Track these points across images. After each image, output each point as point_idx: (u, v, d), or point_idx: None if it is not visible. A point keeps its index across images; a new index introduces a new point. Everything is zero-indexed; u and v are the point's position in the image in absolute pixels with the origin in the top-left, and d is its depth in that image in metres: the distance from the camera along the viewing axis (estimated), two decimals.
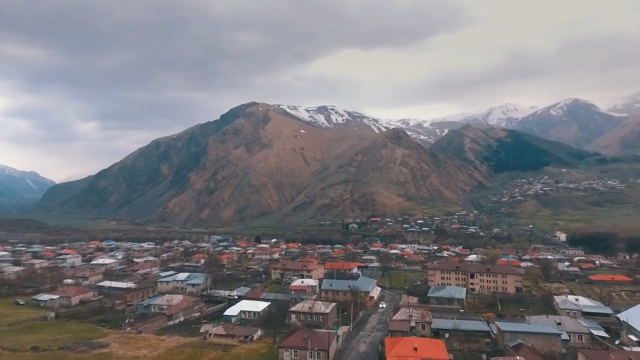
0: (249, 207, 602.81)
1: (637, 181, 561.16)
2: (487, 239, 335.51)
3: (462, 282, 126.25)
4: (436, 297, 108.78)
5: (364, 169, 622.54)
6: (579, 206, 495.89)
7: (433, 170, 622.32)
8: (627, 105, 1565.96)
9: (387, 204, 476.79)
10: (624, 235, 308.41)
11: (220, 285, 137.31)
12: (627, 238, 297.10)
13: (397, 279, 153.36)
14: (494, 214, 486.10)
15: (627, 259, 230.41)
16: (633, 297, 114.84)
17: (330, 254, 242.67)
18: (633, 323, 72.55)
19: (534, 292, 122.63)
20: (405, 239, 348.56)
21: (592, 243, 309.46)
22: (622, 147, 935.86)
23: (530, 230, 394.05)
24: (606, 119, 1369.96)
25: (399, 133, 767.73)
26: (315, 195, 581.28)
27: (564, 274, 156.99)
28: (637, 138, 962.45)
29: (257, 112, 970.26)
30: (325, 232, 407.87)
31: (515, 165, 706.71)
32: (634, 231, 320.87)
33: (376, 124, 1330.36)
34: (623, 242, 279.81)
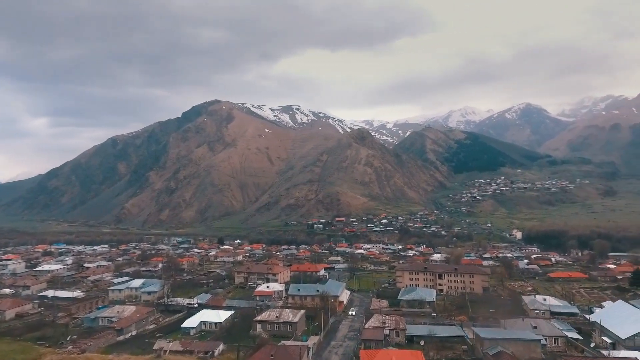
0: (211, 207, 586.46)
1: (584, 182, 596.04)
2: (448, 238, 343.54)
3: (430, 282, 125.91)
4: (407, 300, 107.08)
5: (329, 169, 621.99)
6: (533, 205, 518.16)
7: (396, 171, 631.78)
8: (574, 111, 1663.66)
9: (352, 204, 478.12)
10: (574, 233, 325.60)
11: (179, 292, 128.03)
12: (578, 235, 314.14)
13: (365, 280, 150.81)
14: (455, 213, 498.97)
15: (580, 255, 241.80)
16: (591, 294, 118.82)
17: (296, 255, 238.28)
18: (606, 324, 72.39)
19: (500, 291, 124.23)
20: (370, 239, 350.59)
21: (546, 240, 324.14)
22: (570, 149, 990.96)
23: (488, 228, 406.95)
24: (556, 123, 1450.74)
25: (363, 134, 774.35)
26: (280, 195, 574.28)
27: (525, 272, 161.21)
28: (584, 141, 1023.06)
29: (220, 111, 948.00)
30: (290, 232, 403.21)
31: (474, 166, 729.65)
32: (583, 229, 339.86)
33: (341, 124, 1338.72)
34: (574, 240, 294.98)
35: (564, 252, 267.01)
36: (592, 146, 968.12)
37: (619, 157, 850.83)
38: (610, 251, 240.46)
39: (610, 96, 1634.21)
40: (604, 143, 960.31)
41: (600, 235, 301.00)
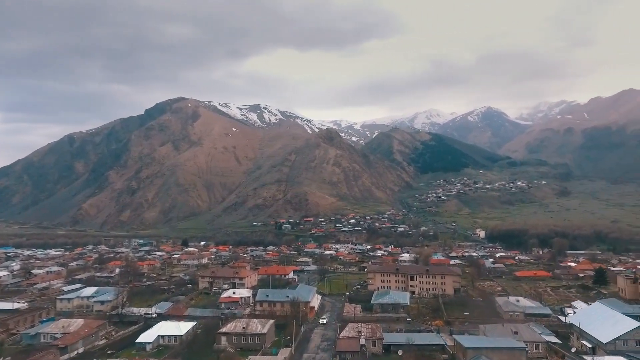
0: (175, 207, 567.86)
1: (541, 182, 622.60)
2: (415, 237, 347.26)
3: (402, 284, 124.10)
4: (380, 304, 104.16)
5: (297, 168, 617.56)
6: (494, 205, 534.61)
7: (364, 171, 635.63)
8: (531, 115, 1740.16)
9: (320, 204, 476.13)
10: (534, 231, 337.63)
11: (137, 300, 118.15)
12: (537, 234, 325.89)
13: (336, 283, 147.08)
14: (421, 213, 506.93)
15: (540, 253, 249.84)
16: (558, 293, 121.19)
17: (264, 257, 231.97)
18: (585, 327, 70.85)
19: (471, 291, 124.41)
20: (339, 239, 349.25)
21: (508, 239, 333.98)
22: (528, 151, 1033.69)
23: (453, 228, 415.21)
24: (514, 126, 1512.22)
25: (331, 134, 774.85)
26: (247, 195, 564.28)
27: (492, 272, 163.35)
28: (540, 144, 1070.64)
29: (185, 108, 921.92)
30: (258, 233, 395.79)
31: (439, 166, 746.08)
32: (542, 228, 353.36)
33: (309, 124, 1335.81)
34: (535, 238, 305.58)
35: (525, 250, 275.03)
36: (547, 148, 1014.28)
37: (572, 159, 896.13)
38: (568, 249, 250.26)
39: (564, 101, 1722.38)
40: (558, 146, 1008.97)
41: (558, 233, 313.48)
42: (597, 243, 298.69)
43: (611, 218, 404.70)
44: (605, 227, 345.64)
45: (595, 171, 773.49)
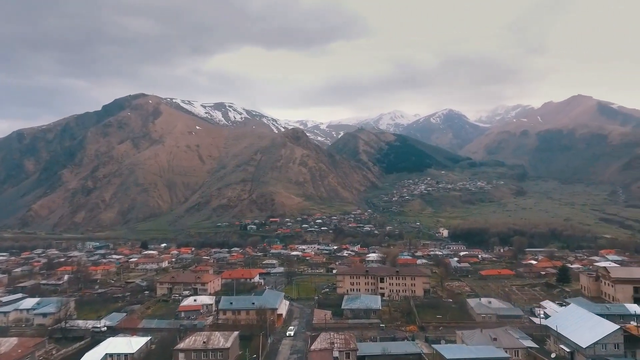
0: (135, 208, 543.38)
1: (500, 182, 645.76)
2: (381, 237, 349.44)
3: (372, 286, 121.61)
4: (351, 309, 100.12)
5: (263, 168, 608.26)
6: (456, 204, 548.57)
7: (331, 171, 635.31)
8: (489, 117, 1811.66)
9: (287, 204, 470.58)
10: (494, 230, 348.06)
11: (87, 311, 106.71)
12: (498, 232, 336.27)
13: (304, 286, 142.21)
14: (386, 212, 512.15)
15: (502, 252, 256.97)
16: (523, 292, 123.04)
17: (228, 260, 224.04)
18: (563, 331, 68.75)
19: (440, 292, 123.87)
20: (305, 239, 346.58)
21: (470, 238, 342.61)
22: (487, 153, 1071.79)
23: (417, 227, 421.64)
24: (474, 128, 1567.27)
25: (298, 133, 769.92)
26: (211, 195, 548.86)
27: (459, 271, 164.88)
28: (498, 145, 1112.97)
29: (146, 105, 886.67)
30: (222, 234, 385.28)
31: (403, 167, 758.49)
32: (501, 226, 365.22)
33: (275, 123, 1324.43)
34: (496, 237, 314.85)
35: (487, 248, 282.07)
36: (505, 150, 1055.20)
37: (527, 161, 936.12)
38: (527, 247, 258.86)
39: (520, 105, 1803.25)
40: (515, 147, 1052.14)
41: (517, 232, 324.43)
42: (552, 240, 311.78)
43: (564, 216, 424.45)
44: (559, 225, 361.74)
45: (548, 172, 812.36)
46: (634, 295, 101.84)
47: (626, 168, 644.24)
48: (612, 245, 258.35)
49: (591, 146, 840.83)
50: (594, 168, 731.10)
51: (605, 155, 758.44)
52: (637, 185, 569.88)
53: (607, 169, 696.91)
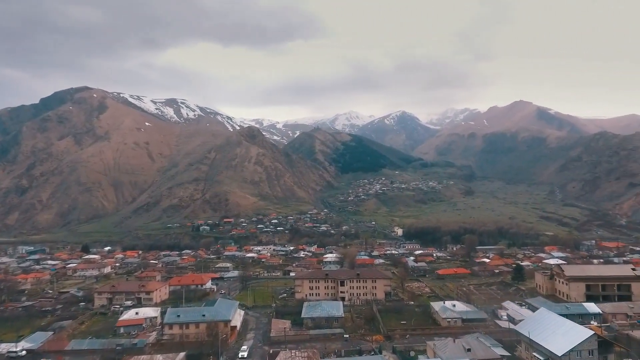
0: (76, 209, 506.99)
1: (450, 182, 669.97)
2: (337, 237, 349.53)
3: (331, 290, 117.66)
4: (312, 318, 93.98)
5: (217, 167, 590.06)
6: (409, 204, 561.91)
7: (287, 170, 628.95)
8: (440, 120, 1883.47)
9: (241, 204, 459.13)
10: (446, 228, 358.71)
11: (6, 329, 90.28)
12: (450, 231, 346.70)
13: (260, 291, 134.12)
14: (342, 212, 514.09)
15: (455, 250, 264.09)
16: (481, 291, 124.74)
17: (178, 264, 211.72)
18: (536, 338, 65.61)
19: (401, 294, 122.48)
20: (261, 240, 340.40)
21: (423, 236, 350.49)
22: (438, 154, 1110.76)
23: (373, 226, 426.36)
24: (425, 130, 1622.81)
25: (254, 132, 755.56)
26: (161, 195, 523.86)
27: (416, 271, 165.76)
28: (448, 147, 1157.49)
29: (90, 99, 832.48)
30: (172, 236, 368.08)
31: (358, 167, 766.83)
32: (453, 225, 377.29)
33: (230, 121, 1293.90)
34: (448, 235, 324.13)
35: (440, 246, 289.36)
36: (454, 151, 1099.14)
37: (474, 162, 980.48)
38: (478, 245, 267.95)
39: (468, 109, 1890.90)
40: (463, 149, 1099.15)
41: (467, 230, 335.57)
42: (500, 238, 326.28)
43: (509, 215, 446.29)
44: (505, 224, 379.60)
45: (494, 172, 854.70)
46: (586, 292, 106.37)
47: (562, 169, 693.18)
48: (554, 242, 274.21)
49: (532, 148, 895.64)
50: (534, 169, 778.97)
51: (544, 157, 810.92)
52: (571, 185, 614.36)
53: (545, 170, 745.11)
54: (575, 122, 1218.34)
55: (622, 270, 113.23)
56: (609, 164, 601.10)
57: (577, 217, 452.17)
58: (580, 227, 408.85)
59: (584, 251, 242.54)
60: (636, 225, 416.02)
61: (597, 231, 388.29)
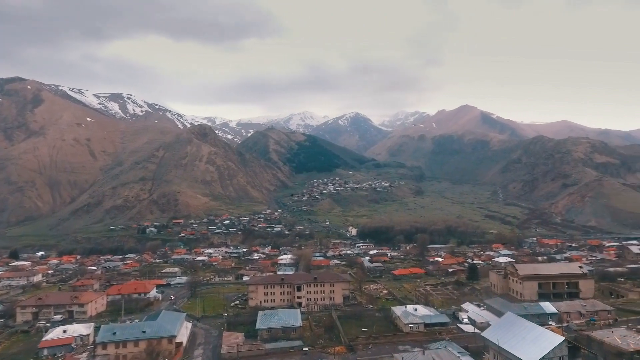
0: (6, 210, 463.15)
1: (401, 183, 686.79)
2: (292, 237, 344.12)
3: (288, 296, 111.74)
4: (268, 330, 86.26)
5: (165, 166, 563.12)
6: (363, 203, 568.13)
7: (240, 170, 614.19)
8: (391, 122, 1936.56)
9: (192, 204, 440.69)
10: (399, 227, 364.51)
11: None
12: (402, 230, 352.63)
13: (211, 299, 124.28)
14: (297, 212, 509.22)
15: (408, 249, 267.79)
16: (437, 291, 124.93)
17: (120, 269, 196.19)
18: (505, 345, 63.11)
19: (359, 297, 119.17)
20: (212, 242, 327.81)
21: (377, 236, 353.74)
22: (390, 155, 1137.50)
23: (327, 226, 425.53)
24: (378, 132, 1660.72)
25: (205, 130, 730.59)
26: (104, 195, 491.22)
27: (372, 271, 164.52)
28: (399, 148, 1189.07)
29: (23, 91, 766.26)
30: (116, 238, 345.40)
31: (313, 167, 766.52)
32: (404, 224, 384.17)
33: (180, 119, 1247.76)
34: (401, 234, 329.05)
35: (393, 246, 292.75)
36: (405, 152, 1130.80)
37: (424, 163, 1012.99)
38: (429, 244, 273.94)
39: (418, 112, 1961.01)
40: (413, 150, 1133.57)
41: (419, 229, 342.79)
42: (449, 237, 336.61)
43: (456, 214, 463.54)
44: (454, 223, 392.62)
45: (442, 173, 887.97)
46: (538, 291, 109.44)
47: (504, 171, 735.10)
48: (499, 240, 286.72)
49: (476, 151, 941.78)
50: (479, 170, 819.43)
51: (487, 159, 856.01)
52: (512, 186, 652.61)
53: (489, 171, 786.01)
54: (515, 126, 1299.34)
55: (571, 269, 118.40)
56: (545, 166, 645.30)
57: (518, 215, 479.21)
58: (521, 225, 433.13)
59: (526, 248, 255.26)
60: (569, 223, 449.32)
61: (536, 229, 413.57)
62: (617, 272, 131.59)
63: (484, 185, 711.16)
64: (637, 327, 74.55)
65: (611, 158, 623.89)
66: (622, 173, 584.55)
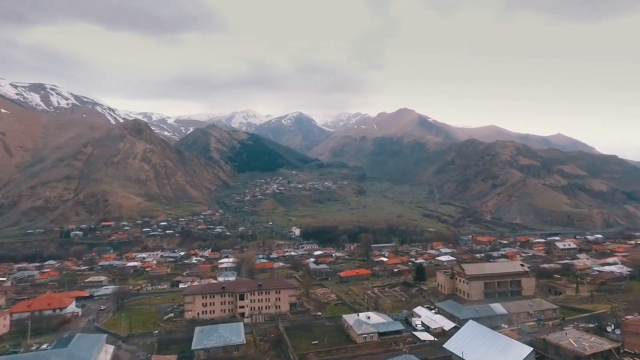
0: None
1: (344, 183, 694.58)
2: (233, 239, 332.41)
3: (229, 306, 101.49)
4: (206, 349, 74.93)
5: (94, 163, 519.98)
6: (306, 203, 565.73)
7: (178, 168, 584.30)
8: (334, 123, 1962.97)
9: (124, 205, 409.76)
10: (342, 227, 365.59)
11: None
12: (345, 230, 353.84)
13: (140, 312, 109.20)
14: (239, 212, 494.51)
15: (352, 249, 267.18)
16: (385, 293, 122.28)
17: (35, 279, 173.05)
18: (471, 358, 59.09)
19: (306, 303, 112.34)
20: (146, 246, 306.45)
21: (321, 236, 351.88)
22: (332, 155, 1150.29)
23: (270, 227, 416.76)
24: (321, 132, 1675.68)
25: (140, 126, 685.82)
26: (20, 195, 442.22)
27: (318, 273, 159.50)
28: (342, 149, 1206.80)
29: None
30: (34, 243, 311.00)
31: (256, 166, 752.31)
32: (348, 224, 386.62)
33: (112, 113, 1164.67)
34: (345, 234, 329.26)
35: (337, 246, 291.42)
36: (347, 153, 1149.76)
37: (365, 163, 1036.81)
38: (373, 243, 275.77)
39: (360, 114, 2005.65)
40: (355, 151, 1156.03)
41: (362, 228, 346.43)
42: (391, 235, 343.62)
43: (397, 213, 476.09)
44: (395, 222, 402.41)
45: (382, 174, 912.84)
46: (484, 290, 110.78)
47: (439, 172, 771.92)
48: (438, 238, 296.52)
49: (414, 152, 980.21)
50: (417, 171, 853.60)
51: (424, 160, 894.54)
52: (447, 186, 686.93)
53: (426, 171, 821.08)
54: (449, 129, 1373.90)
55: (514, 267, 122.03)
56: (477, 167, 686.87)
57: (452, 214, 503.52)
58: (455, 223, 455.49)
59: (463, 246, 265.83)
60: (498, 221, 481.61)
61: (470, 227, 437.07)
62: (553, 268, 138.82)
63: (422, 185, 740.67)
64: (583, 325, 77.06)
65: (533, 160, 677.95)
66: (543, 174, 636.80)
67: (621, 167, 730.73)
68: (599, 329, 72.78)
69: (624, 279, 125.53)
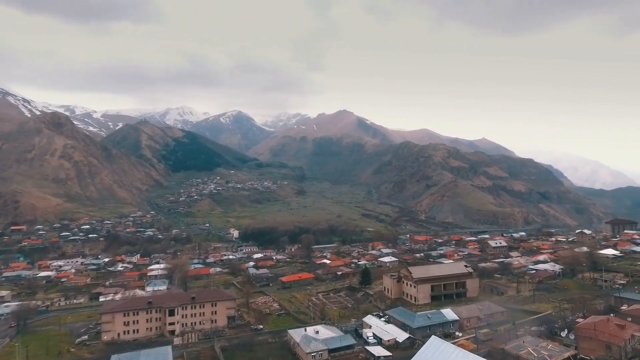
0: None
1: (284, 183, 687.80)
2: (166, 242, 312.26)
3: (157, 323, 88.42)
4: None
5: (4, 160, 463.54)
6: (245, 204, 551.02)
7: (105, 167, 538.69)
8: (274, 122, 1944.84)
9: (39, 207, 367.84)
10: (283, 228, 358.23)
11: None
12: (286, 231, 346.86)
13: (46, 335, 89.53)
14: (172, 214, 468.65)
15: (293, 250, 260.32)
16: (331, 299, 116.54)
17: None
18: None
19: (247, 315, 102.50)
20: (65, 252, 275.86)
21: (260, 237, 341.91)
22: (272, 155, 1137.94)
23: (207, 228, 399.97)
24: (260, 131, 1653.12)
25: (60, 119, 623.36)
26: None
27: (258, 279, 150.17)
28: (282, 149, 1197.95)
29: None
30: None
31: (192, 165, 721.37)
32: (288, 224, 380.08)
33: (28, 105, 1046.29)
34: (285, 236, 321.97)
35: (277, 247, 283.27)
36: (287, 153, 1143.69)
37: (305, 163, 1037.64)
38: (314, 244, 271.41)
39: (300, 114, 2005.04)
40: (295, 151, 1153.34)
41: (302, 229, 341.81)
42: (331, 235, 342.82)
43: (336, 213, 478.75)
44: (335, 222, 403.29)
45: (322, 174, 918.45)
46: (431, 293, 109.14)
47: (377, 172, 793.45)
48: (378, 238, 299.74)
49: (353, 153, 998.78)
50: (355, 171, 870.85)
51: (362, 161, 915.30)
52: (384, 186, 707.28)
53: (364, 172, 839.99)
54: (386, 132, 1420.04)
55: (458, 268, 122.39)
56: (412, 169, 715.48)
57: (390, 214, 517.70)
58: (393, 222, 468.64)
59: (402, 245, 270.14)
60: (432, 220, 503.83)
61: (406, 226, 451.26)
62: (492, 267, 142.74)
63: (360, 185, 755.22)
64: (534, 328, 76.74)
65: (462, 163, 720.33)
66: (470, 176, 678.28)
67: (536, 170, 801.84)
68: (550, 332, 73.02)
69: (557, 277, 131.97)
